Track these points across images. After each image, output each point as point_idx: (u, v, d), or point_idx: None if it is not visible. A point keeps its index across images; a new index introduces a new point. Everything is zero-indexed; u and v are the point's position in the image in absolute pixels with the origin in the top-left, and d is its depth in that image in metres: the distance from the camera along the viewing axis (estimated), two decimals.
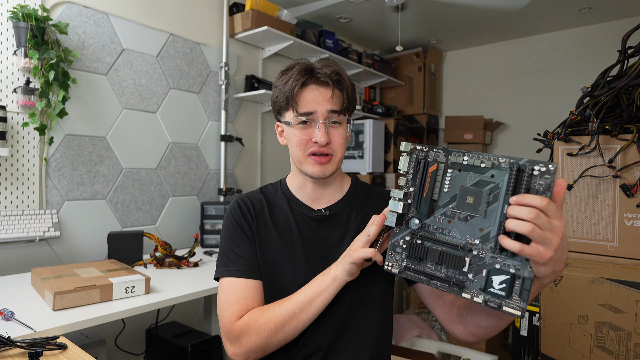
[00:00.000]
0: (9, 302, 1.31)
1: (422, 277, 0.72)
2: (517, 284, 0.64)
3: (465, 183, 0.69)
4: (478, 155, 0.68)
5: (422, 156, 0.73)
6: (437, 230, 0.71)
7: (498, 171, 0.66)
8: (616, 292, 1.17)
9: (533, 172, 0.63)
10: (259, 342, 0.87)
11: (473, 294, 0.67)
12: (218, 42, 2.62)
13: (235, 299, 0.92)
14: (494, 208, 0.66)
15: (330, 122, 0.93)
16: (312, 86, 0.93)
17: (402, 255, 0.74)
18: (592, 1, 2.94)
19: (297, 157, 0.96)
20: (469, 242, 0.68)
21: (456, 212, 0.69)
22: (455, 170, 0.70)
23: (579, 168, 1.34)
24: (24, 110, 1.77)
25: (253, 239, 0.98)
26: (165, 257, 1.81)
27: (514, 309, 0.64)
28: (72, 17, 1.93)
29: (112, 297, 1.34)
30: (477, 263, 0.67)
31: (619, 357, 1.17)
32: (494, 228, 0.66)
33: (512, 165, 0.64)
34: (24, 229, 1.73)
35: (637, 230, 1.25)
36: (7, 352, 0.86)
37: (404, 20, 3.25)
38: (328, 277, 0.86)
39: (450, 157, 0.70)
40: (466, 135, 3.71)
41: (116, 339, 2.05)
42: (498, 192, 0.66)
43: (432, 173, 0.71)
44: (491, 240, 0.66)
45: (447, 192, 0.70)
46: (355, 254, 0.80)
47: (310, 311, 0.86)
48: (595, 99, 1.36)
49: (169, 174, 2.36)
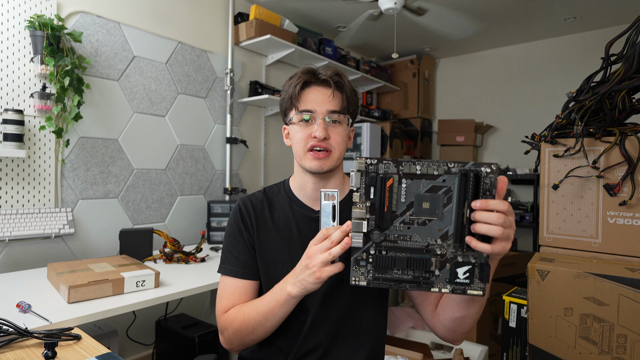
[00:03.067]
0: (26, 295, 1.31)
1: (391, 283, 0.72)
2: (476, 271, 0.70)
3: (419, 190, 0.69)
4: (429, 163, 0.69)
5: (372, 170, 0.70)
6: (398, 238, 0.71)
7: (449, 176, 0.68)
8: (600, 286, 1.17)
9: (480, 173, 0.67)
10: (236, 338, 0.91)
11: (440, 287, 0.71)
12: (224, 49, 2.61)
13: (225, 295, 0.96)
14: (448, 209, 0.69)
15: (331, 120, 0.93)
16: (314, 86, 0.94)
17: (368, 267, 0.72)
18: (577, 11, 2.94)
19: (298, 153, 0.96)
20: (430, 243, 0.70)
21: (414, 218, 0.70)
22: (408, 179, 0.69)
23: (565, 169, 1.34)
24: (40, 114, 1.76)
25: (251, 243, 0.98)
26: (174, 253, 1.81)
27: (475, 290, 0.70)
28: (86, 26, 1.93)
29: (124, 290, 1.34)
30: (440, 260, 0.71)
31: (603, 347, 1.17)
32: (451, 227, 0.69)
33: (461, 170, 0.67)
34: (40, 226, 1.73)
35: (620, 228, 1.25)
36: (24, 342, 0.86)
37: (399, 29, 3.25)
38: (284, 294, 0.82)
39: (402, 168, 0.69)
40: (458, 137, 3.71)
41: (127, 330, 2.05)
42: (451, 195, 0.68)
43: (390, 187, 0.70)
44: (450, 238, 0.70)
45: (403, 202, 0.70)
46: (323, 275, 0.75)
47: (275, 320, 0.86)
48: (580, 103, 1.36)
49: (177, 174, 2.36)
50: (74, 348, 0.85)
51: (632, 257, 1.22)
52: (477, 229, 0.66)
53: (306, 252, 0.79)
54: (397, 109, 3.99)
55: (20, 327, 0.86)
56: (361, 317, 0.94)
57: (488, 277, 0.70)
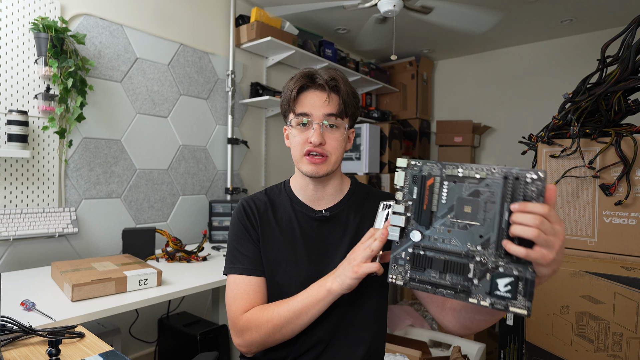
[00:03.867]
0: (31, 293, 1.31)
1: (428, 286, 0.70)
2: (520, 285, 0.64)
3: (461, 194, 0.67)
4: (472, 166, 0.67)
5: (417, 170, 0.70)
6: (437, 240, 0.69)
7: (492, 181, 0.66)
8: (596, 285, 1.17)
9: (526, 179, 0.63)
10: (259, 339, 0.89)
11: (479, 298, 0.66)
12: (225, 51, 2.61)
13: (240, 295, 0.93)
14: (491, 215, 0.66)
15: (328, 125, 0.93)
16: (310, 90, 0.94)
17: (406, 267, 0.71)
18: (573, 13, 2.94)
19: (295, 156, 0.96)
20: (470, 249, 0.67)
21: (455, 221, 0.68)
22: (451, 182, 0.68)
23: (561, 169, 1.34)
24: (44, 115, 1.77)
25: (257, 239, 0.97)
26: (176, 252, 1.81)
27: (520, 308, 0.64)
28: (89, 28, 1.93)
29: (127, 289, 1.34)
30: (480, 268, 0.66)
31: (599, 344, 1.17)
32: (493, 234, 0.66)
33: (506, 175, 0.64)
34: (44, 225, 1.73)
35: (616, 227, 1.25)
36: (28, 340, 0.86)
37: (398, 31, 3.25)
38: (323, 290, 0.83)
39: (445, 170, 0.68)
40: (456, 138, 3.71)
41: (130, 328, 2.05)
42: (494, 200, 0.65)
43: (430, 186, 0.69)
44: (492, 246, 0.66)
45: (444, 204, 0.68)
46: (361, 270, 0.76)
47: (306, 318, 0.85)
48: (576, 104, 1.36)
49: (179, 174, 2.36)
50: (77, 346, 0.85)
51: (628, 256, 1.22)
52: (512, 231, 0.62)
53: (352, 250, 0.82)
54: (396, 110, 3.99)
55: (25, 325, 0.86)
56: (362, 312, 0.95)
57: (531, 294, 0.63)
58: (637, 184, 1.21)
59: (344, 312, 0.93)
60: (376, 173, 3.38)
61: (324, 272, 0.89)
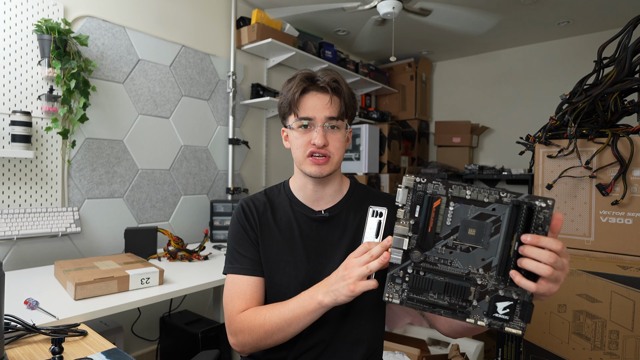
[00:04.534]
0: (34, 292, 1.31)
1: (426, 306, 0.69)
2: (518, 308, 0.65)
3: (467, 216, 0.66)
4: (480, 190, 0.65)
5: (420, 188, 0.67)
6: (438, 261, 0.68)
7: (499, 205, 0.64)
8: (592, 283, 1.17)
9: (533, 207, 0.62)
10: (251, 342, 0.88)
11: (477, 319, 0.67)
12: (226, 53, 2.61)
13: (237, 295, 0.93)
14: (495, 240, 0.65)
15: (329, 126, 0.92)
16: (312, 92, 0.93)
17: (403, 286, 0.69)
18: (570, 15, 2.94)
19: (298, 158, 0.95)
20: (471, 271, 0.66)
21: (458, 243, 0.67)
22: (457, 203, 0.66)
23: (558, 169, 1.34)
24: (47, 115, 1.76)
25: (255, 240, 0.97)
26: (178, 251, 1.81)
27: (515, 328, 0.65)
28: (92, 30, 1.93)
29: (129, 287, 1.34)
30: (480, 290, 0.66)
31: (595, 342, 1.17)
32: (495, 258, 0.65)
33: (514, 201, 0.64)
34: (47, 225, 1.73)
35: (612, 226, 1.25)
36: (32, 338, 0.86)
37: (397, 33, 3.25)
38: (314, 302, 0.80)
39: (452, 191, 0.66)
40: (454, 138, 3.71)
41: (132, 326, 2.05)
42: (499, 225, 0.65)
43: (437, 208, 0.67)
44: (493, 269, 0.65)
45: (448, 225, 0.67)
46: (357, 289, 0.73)
47: (297, 327, 0.84)
48: (573, 105, 1.36)
49: (181, 174, 2.36)
50: (80, 344, 0.85)
51: (624, 255, 1.22)
52: (524, 265, 0.61)
53: (345, 264, 0.77)
54: (395, 111, 3.99)
55: (28, 323, 0.86)
56: (361, 312, 0.94)
57: (530, 317, 0.64)
58: (633, 184, 1.21)
59: (344, 312, 0.93)
60: (375, 173, 3.38)
61: (323, 273, 0.89)
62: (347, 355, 0.93)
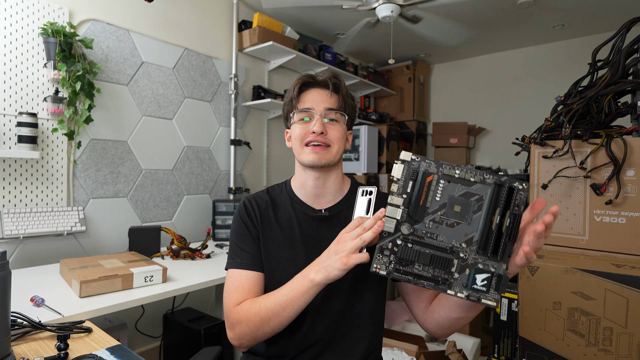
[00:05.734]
0: (40, 290, 1.31)
1: (410, 277, 0.71)
2: (494, 280, 0.69)
3: (454, 193, 0.69)
4: (467, 170, 0.69)
5: (415, 165, 0.70)
6: (425, 234, 0.70)
7: (483, 185, 0.69)
8: (587, 281, 1.17)
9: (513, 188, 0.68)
10: (249, 332, 0.86)
11: (457, 290, 0.70)
12: (228, 55, 2.61)
13: (234, 288, 0.92)
14: (477, 216, 0.69)
15: (328, 118, 0.93)
16: (312, 87, 0.96)
17: (391, 257, 0.71)
18: (565, 19, 2.94)
19: (296, 149, 0.95)
20: (454, 245, 0.70)
21: (444, 218, 0.70)
22: (446, 181, 0.70)
23: (553, 169, 1.34)
24: (53, 117, 1.76)
25: (257, 236, 0.97)
26: (181, 250, 1.81)
27: (490, 300, 0.69)
28: (97, 33, 1.93)
29: (133, 285, 1.34)
30: (461, 264, 0.70)
31: (590, 339, 1.17)
32: (476, 233, 0.69)
33: (496, 182, 0.68)
34: (53, 224, 1.73)
35: (606, 225, 1.25)
36: (38, 334, 0.86)
37: (396, 36, 3.25)
38: (306, 281, 0.79)
39: (442, 169, 0.69)
40: (452, 139, 3.71)
41: (136, 323, 2.05)
42: (482, 203, 0.69)
43: (429, 183, 0.70)
44: (474, 244, 0.69)
45: (437, 201, 0.70)
46: (350, 261, 0.72)
47: (292, 311, 0.82)
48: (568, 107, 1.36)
49: (183, 174, 2.36)
50: (85, 340, 0.85)
51: (618, 253, 1.22)
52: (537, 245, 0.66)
53: (337, 239, 0.76)
54: (394, 112, 3.99)
55: (34, 321, 0.86)
56: (361, 310, 0.94)
57: (504, 288, 0.69)
58: (627, 184, 1.21)
59: (343, 310, 0.93)
60: (374, 173, 3.38)
61: None
62: (347, 353, 0.93)
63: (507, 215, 0.68)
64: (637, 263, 1.16)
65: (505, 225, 0.68)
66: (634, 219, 1.20)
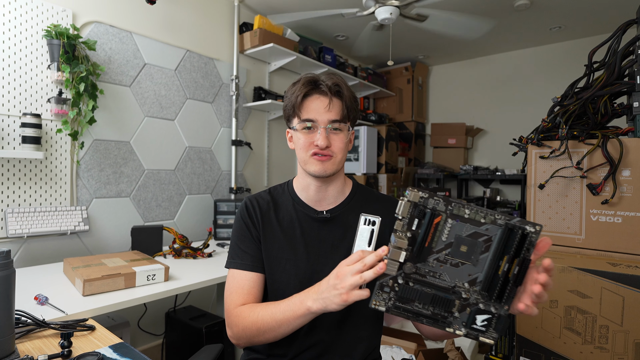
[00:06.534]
0: (44, 288, 1.31)
1: (410, 314, 0.69)
2: (494, 321, 0.68)
3: (461, 233, 0.66)
4: (478, 209, 0.65)
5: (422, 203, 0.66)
6: (428, 273, 0.67)
7: (492, 226, 0.65)
8: (583, 280, 1.17)
9: (524, 231, 0.64)
10: (245, 337, 0.88)
11: (456, 328, 0.69)
12: (229, 57, 2.61)
13: (235, 289, 0.93)
14: (484, 257, 0.66)
15: (332, 128, 0.92)
16: (315, 96, 0.93)
17: (391, 294, 0.68)
18: (562, 21, 2.94)
19: (302, 158, 0.95)
20: (457, 285, 0.67)
21: (449, 258, 0.67)
22: (455, 220, 0.66)
23: (550, 169, 1.34)
24: (57, 118, 1.77)
25: (257, 237, 0.97)
26: (183, 249, 1.81)
27: (488, 338, 0.69)
28: (100, 35, 1.93)
29: (135, 284, 1.34)
30: (463, 303, 0.68)
31: (586, 337, 1.17)
32: (481, 274, 0.67)
33: (508, 224, 0.65)
34: (57, 223, 1.73)
35: (602, 225, 1.25)
36: (42, 332, 0.86)
37: (395, 38, 3.25)
38: (303, 308, 0.78)
39: (451, 208, 0.66)
40: (450, 140, 3.71)
41: (139, 321, 2.05)
42: (490, 244, 0.66)
43: (437, 224, 0.66)
44: (477, 285, 0.67)
45: (443, 240, 0.67)
46: (350, 298, 0.70)
47: (287, 329, 0.83)
48: (565, 108, 1.36)
49: (185, 174, 2.36)
50: (88, 338, 0.85)
51: (614, 252, 1.22)
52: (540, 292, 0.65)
53: (336, 272, 0.73)
54: (393, 113, 3.99)
55: (38, 319, 0.86)
56: (361, 311, 0.93)
57: (505, 329, 0.67)
58: (623, 184, 1.21)
59: (344, 312, 0.92)
60: (373, 173, 3.38)
61: (323, 272, 0.88)
62: (348, 353, 0.93)
63: (515, 262, 0.65)
64: (632, 262, 1.16)
65: (512, 272, 0.65)
66: (629, 219, 1.20)
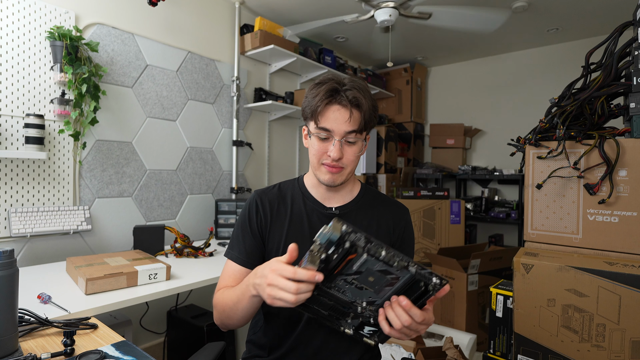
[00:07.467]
0: (47, 287, 1.31)
1: (310, 313, 0.78)
2: (377, 333, 0.80)
3: (373, 267, 0.68)
4: (395, 254, 0.66)
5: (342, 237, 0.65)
6: (333, 287, 0.72)
7: (403, 270, 0.68)
8: (580, 279, 1.17)
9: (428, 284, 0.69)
10: (218, 318, 0.92)
11: (344, 328, 0.80)
12: (230, 58, 2.61)
13: (224, 276, 0.97)
14: (387, 290, 0.72)
15: (346, 140, 0.91)
16: (335, 106, 0.90)
17: None
18: (559, 23, 2.94)
19: (313, 164, 0.96)
20: (356, 301, 0.74)
21: (355, 282, 0.71)
22: (370, 257, 0.66)
23: (548, 169, 1.34)
24: (59, 118, 1.76)
25: (258, 233, 0.97)
26: (184, 248, 1.81)
27: (370, 340, 0.81)
28: (102, 36, 1.93)
29: (137, 282, 1.34)
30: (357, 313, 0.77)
31: (583, 335, 1.17)
32: (380, 301, 0.74)
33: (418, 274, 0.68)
34: (59, 223, 1.73)
35: (599, 224, 1.25)
36: (44, 331, 0.86)
37: (394, 39, 3.25)
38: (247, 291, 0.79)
39: (370, 246, 0.65)
40: (448, 140, 3.71)
41: (141, 319, 2.05)
42: (396, 282, 0.70)
43: (349, 260, 0.68)
44: (374, 307, 0.75)
45: (354, 270, 0.69)
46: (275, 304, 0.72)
47: (244, 312, 0.84)
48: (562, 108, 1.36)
49: (187, 174, 2.36)
50: (91, 336, 0.85)
51: (610, 251, 1.22)
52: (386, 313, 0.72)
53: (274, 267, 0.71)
54: (392, 114, 3.99)
55: (41, 317, 0.86)
56: None
57: (385, 340, 0.80)
58: (619, 184, 1.21)
59: None
60: (373, 173, 3.38)
61: None
62: (346, 352, 0.94)
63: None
64: (629, 261, 1.16)
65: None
66: (626, 218, 1.20)
